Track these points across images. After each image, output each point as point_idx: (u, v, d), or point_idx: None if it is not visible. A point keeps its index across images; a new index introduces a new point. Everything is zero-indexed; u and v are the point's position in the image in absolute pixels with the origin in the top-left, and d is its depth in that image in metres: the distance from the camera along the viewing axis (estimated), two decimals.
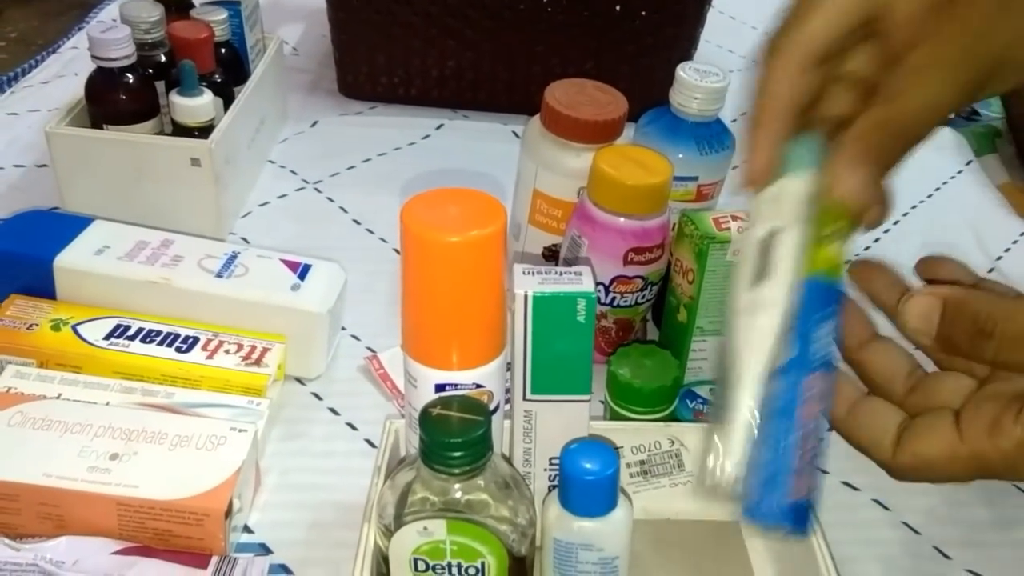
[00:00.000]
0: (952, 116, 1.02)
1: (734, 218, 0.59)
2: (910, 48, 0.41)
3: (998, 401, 0.41)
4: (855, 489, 0.58)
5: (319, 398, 0.62)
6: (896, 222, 0.85)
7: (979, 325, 0.39)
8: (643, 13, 0.87)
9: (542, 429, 0.48)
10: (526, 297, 0.44)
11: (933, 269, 0.49)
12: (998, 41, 0.40)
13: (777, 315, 0.39)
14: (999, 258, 0.81)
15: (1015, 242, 0.84)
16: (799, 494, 0.39)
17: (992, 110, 1.04)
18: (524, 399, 0.47)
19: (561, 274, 0.45)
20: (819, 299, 0.41)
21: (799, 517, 0.40)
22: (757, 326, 0.40)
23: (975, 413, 0.41)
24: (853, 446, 0.45)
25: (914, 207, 0.87)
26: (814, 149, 0.42)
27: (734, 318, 0.41)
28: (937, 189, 0.90)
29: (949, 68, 0.40)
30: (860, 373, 0.48)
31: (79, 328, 0.58)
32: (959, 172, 0.93)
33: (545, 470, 0.49)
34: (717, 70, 0.64)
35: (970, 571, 0.54)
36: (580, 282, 0.45)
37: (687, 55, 0.91)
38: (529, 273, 0.45)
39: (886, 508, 0.57)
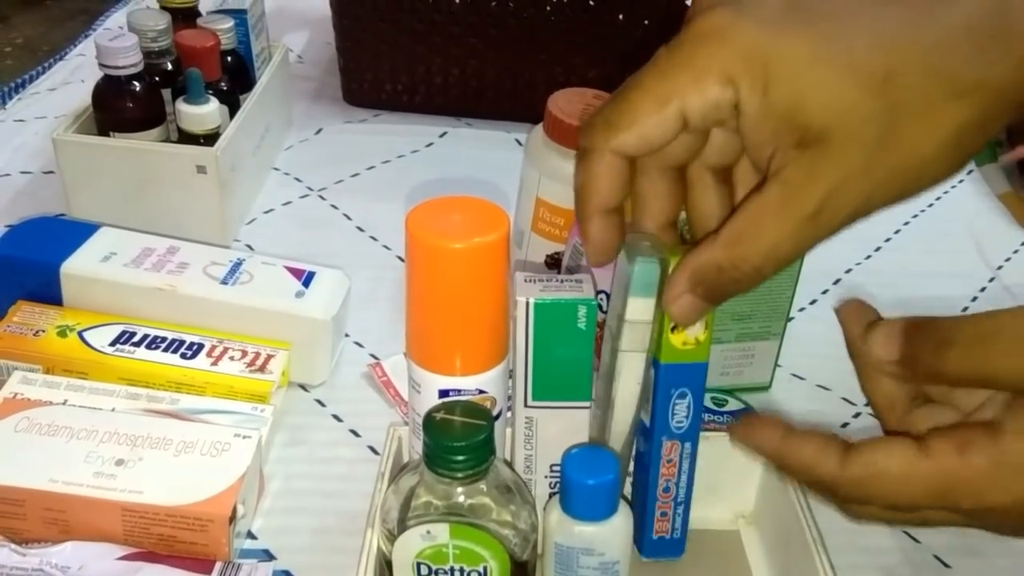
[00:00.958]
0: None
1: None
2: (762, 170, 0.36)
3: (971, 427, 0.37)
4: None
5: (322, 405, 0.63)
6: (897, 231, 0.85)
7: (941, 334, 0.36)
8: (645, 23, 0.88)
9: (543, 435, 0.48)
10: (528, 304, 0.45)
11: (852, 316, 0.42)
12: (866, 190, 0.34)
13: (623, 410, 0.46)
14: (1000, 267, 0.81)
15: (1016, 252, 0.84)
16: (660, 532, 0.49)
17: None
18: (525, 406, 0.47)
19: (562, 281, 0.46)
20: (674, 379, 0.46)
21: (665, 548, 0.50)
22: (612, 415, 0.46)
23: (944, 432, 0.37)
24: (789, 471, 0.39)
25: (915, 216, 0.87)
26: (653, 270, 0.41)
27: (599, 379, 0.46)
28: (938, 198, 0.90)
29: (798, 222, 0.34)
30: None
31: (85, 334, 0.59)
32: (960, 181, 0.93)
33: (546, 476, 0.50)
34: None
35: None
36: (581, 289, 0.45)
37: None
38: (531, 280, 0.46)
39: None
